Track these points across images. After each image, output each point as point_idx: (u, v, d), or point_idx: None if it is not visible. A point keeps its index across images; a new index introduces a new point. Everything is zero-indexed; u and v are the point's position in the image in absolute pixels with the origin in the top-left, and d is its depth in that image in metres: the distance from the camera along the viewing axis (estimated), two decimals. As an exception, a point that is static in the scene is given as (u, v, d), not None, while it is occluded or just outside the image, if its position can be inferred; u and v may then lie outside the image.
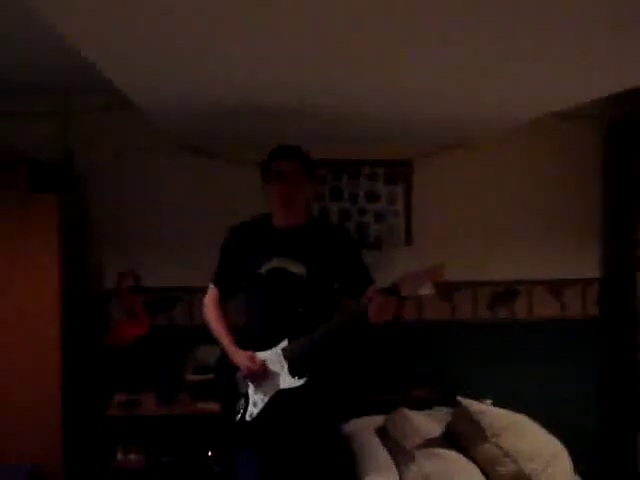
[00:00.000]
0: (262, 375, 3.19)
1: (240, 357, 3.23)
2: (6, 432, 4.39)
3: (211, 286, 3.50)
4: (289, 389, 3.16)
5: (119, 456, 4.57)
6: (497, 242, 5.18)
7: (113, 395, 4.69)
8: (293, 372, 3.15)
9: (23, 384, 4.40)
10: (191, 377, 4.63)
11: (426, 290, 4.56)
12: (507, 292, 5.24)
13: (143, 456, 4.59)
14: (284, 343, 3.17)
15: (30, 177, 4.46)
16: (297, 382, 3.14)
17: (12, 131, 4.82)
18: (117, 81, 3.07)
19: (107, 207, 4.98)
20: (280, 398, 3.19)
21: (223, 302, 3.48)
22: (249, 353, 3.21)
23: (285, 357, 3.16)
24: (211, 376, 3.65)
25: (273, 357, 3.19)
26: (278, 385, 3.18)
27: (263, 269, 3.24)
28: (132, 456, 4.59)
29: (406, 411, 3.76)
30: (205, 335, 3.48)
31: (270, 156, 3.26)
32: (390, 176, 5.13)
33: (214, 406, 3.54)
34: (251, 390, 3.26)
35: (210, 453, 4.56)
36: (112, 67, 2.87)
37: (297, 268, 3.21)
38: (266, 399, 3.20)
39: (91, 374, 4.90)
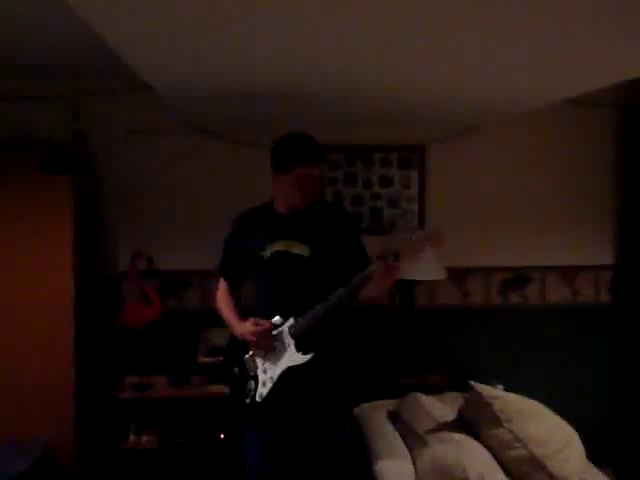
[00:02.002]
0: (271, 346, 3.21)
1: (244, 325, 3.26)
2: (20, 411, 4.42)
3: (221, 279, 3.54)
4: (297, 367, 3.17)
5: (131, 437, 4.60)
6: (510, 227, 5.17)
7: (125, 377, 4.72)
8: (299, 349, 3.16)
9: (36, 365, 4.42)
10: (203, 359, 4.65)
11: (435, 274, 4.56)
12: (519, 278, 5.23)
13: (155, 438, 4.61)
14: (290, 321, 3.18)
15: (44, 159, 4.48)
16: (303, 358, 3.14)
17: (25, 113, 4.83)
18: (133, 63, 3.07)
19: (119, 189, 4.99)
20: (289, 378, 3.20)
21: (234, 292, 3.52)
22: (252, 320, 3.24)
23: (291, 334, 3.17)
24: (222, 358, 3.67)
25: (280, 336, 3.21)
26: (285, 363, 3.19)
27: (267, 252, 3.26)
28: (144, 438, 4.61)
29: (418, 395, 3.77)
30: (217, 318, 3.49)
31: (295, 156, 3.18)
32: (404, 161, 5.12)
33: (226, 388, 3.56)
34: (260, 371, 3.28)
35: (222, 435, 4.58)
36: (129, 49, 2.86)
37: (300, 249, 3.23)
38: (275, 378, 3.22)
39: (103, 356, 4.93)
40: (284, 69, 3.19)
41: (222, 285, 3.53)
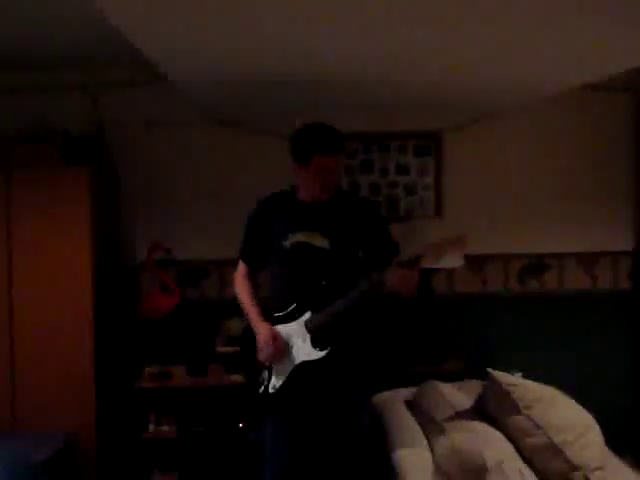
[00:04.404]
0: (280, 351, 3.21)
1: (263, 329, 3.26)
2: (42, 401, 4.48)
3: (240, 262, 3.52)
4: (312, 361, 3.17)
5: (151, 427, 4.63)
6: (528, 214, 5.14)
7: (145, 367, 4.74)
8: (315, 344, 3.16)
9: (56, 355, 4.47)
10: (222, 349, 4.67)
11: (454, 262, 4.53)
12: (538, 265, 5.21)
13: (175, 427, 4.64)
14: (307, 315, 3.18)
15: (62, 150, 4.51)
16: (319, 354, 3.14)
17: (44, 104, 4.87)
18: (150, 53, 3.08)
19: (138, 179, 5.02)
20: (304, 370, 3.20)
21: (253, 276, 3.50)
22: (271, 328, 3.24)
23: (308, 329, 3.17)
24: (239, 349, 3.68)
25: (296, 329, 3.21)
26: (300, 357, 3.19)
27: (288, 242, 3.25)
28: (164, 427, 4.64)
29: (437, 383, 3.77)
30: (235, 307, 3.50)
31: (314, 147, 3.14)
32: (420, 148, 5.11)
33: (241, 377, 3.57)
34: (275, 362, 3.28)
35: (241, 424, 4.60)
36: (145, 40, 2.87)
37: (321, 241, 3.21)
38: (288, 371, 3.22)
39: (123, 346, 4.96)
40: (302, 53, 3.19)
41: (241, 269, 3.50)
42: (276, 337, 3.21)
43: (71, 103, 4.91)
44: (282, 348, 3.20)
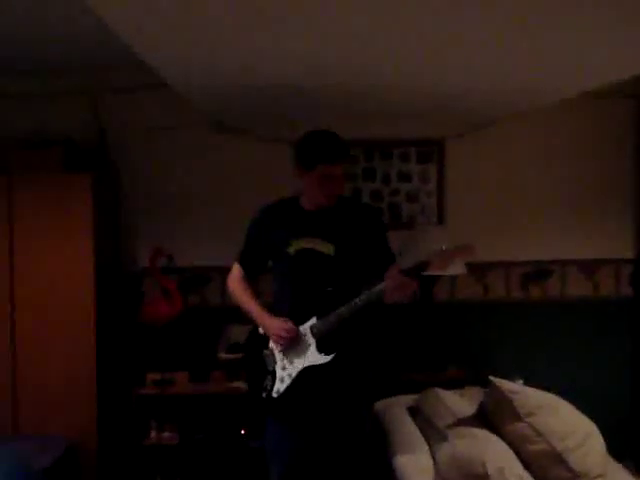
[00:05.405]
0: (294, 344, 3.21)
1: (273, 322, 3.25)
2: (43, 407, 4.48)
3: (235, 265, 3.50)
4: (317, 366, 3.17)
5: (152, 433, 4.63)
6: (530, 221, 5.14)
7: (146, 373, 4.74)
8: (321, 349, 3.16)
9: (58, 361, 4.47)
10: (224, 356, 4.67)
11: (456, 269, 4.54)
12: (540, 272, 5.20)
13: (176, 434, 4.64)
14: (312, 321, 3.18)
15: (64, 157, 4.52)
16: (324, 359, 3.14)
17: (45, 111, 4.88)
18: (151, 61, 3.09)
19: (140, 186, 5.03)
20: (307, 375, 3.20)
21: (250, 281, 3.48)
22: (283, 319, 3.23)
23: (313, 334, 3.17)
24: (242, 354, 3.67)
25: (301, 335, 3.21)
26: (305, 361, 3.19)
27: (292, 249, 3.25)
28: (165, 434, 4.64)
29: (438, 390, 3.77)
30: (237, 314, 3.49)
31: (318, 156, 3.15)
32: (422, 156, 5.11)
33: (244, 383, 3.56)
34: (278, 367, 3.28)
35: (243, 431, 4.60)
36: (145, 47, 2.88)
37: (326, 247, 3.21)
38: (293, 375, 3.22)
39: (125, 352, 4.96)
40: (303, 60, 3.20)
41: (237, 272, 3.48)
42: (288, 325, 3.20)
43: (72, 109, 4.92)
44: (296, 333, 3.19)
